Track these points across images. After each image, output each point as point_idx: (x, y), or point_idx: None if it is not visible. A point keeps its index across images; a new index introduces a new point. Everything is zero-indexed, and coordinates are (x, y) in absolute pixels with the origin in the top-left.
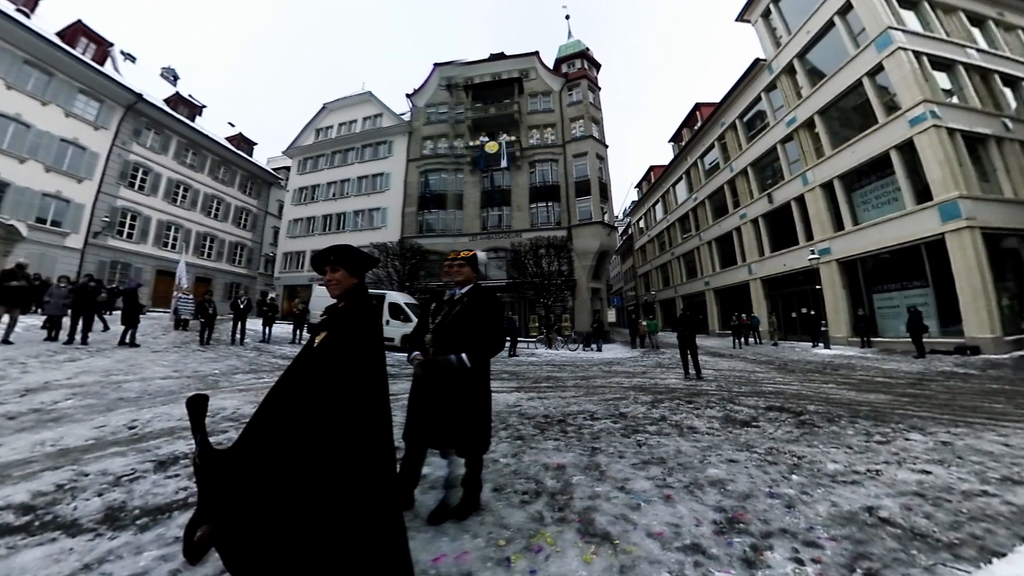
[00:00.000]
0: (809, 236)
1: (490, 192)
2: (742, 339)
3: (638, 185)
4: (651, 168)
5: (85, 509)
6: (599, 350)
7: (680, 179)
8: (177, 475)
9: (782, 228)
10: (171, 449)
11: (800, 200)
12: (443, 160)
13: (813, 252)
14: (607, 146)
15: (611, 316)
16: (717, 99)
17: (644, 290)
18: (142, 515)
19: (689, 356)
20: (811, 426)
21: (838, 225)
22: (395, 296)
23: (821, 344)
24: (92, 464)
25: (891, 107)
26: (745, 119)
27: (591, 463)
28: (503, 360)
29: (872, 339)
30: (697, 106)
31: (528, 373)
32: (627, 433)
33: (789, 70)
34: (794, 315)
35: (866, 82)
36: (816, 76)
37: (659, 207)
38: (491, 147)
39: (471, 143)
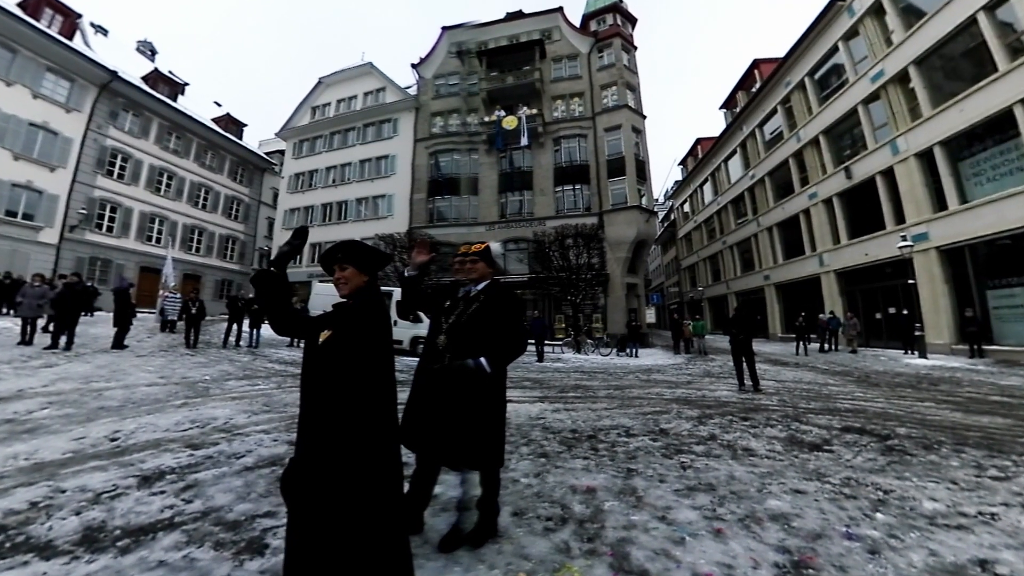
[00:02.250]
0: (900, 219)
1: (509, 174)
2: (822, 344)
3: (682, 162)
4: (698, 141)
5: (61, 529)
6: (635, 355)
7: (734, 153)
8: (163, 491)
9: (864, 209)
10: (156, 463)
11: (888, 174)
12: (455, 139)
13: (905, 238)
14: (645, 117)
15: (650, 316)
16: (781, 54)
17: (689, 286)
18: (123, 536)
19: (744, 364)
20: (901, 453)
21: (939, 204)
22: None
23: (915, 352)
24: (70, 480)
25: (1017, 49)
26: (817, 76)
27: (626, 487)
28: (525, 366)
29: (984, 347)
30: (756, 63)
31: (553, 381)
32: (669, 453)
33: (876, 10)
34: (878, 316)
35: (982, 19)
36: (913, 16)
37: (707, 187)
38: (509, 122)
39: (486, 118)
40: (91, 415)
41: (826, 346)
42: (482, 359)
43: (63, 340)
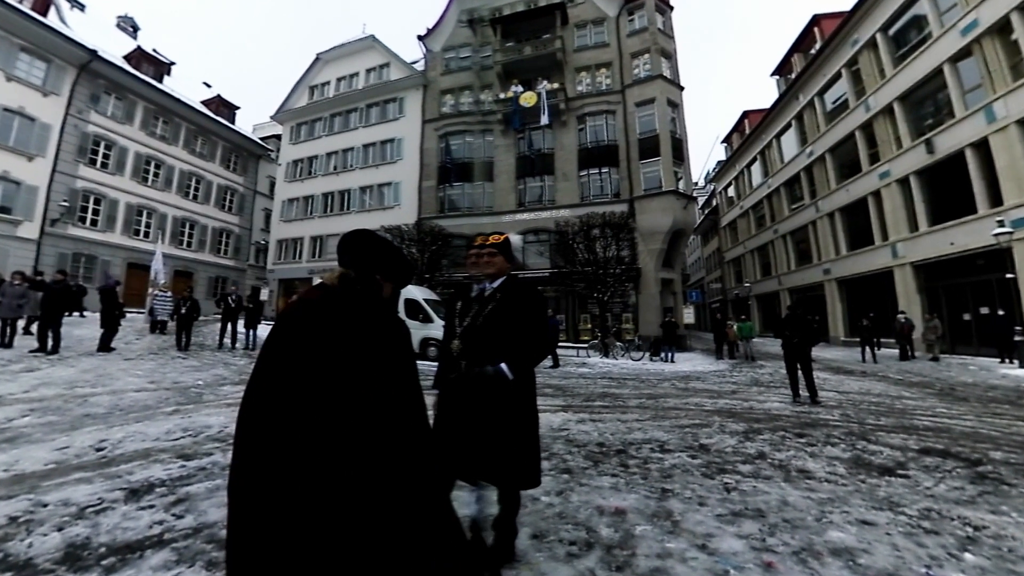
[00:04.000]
0: (996, 200)
1: (528, 158)
2: (903, 350)
3: (726, 139)
4: (745, 114)
5: (42, 546)
6: (671, 360)
7: (788, 127)
8: (152, 506)
9: (949, 190)
10: (145, 475)
11: (981, 146)
12: (467, 119)
13: (1002, 223)
14: (682, 88)
15: (688, 316)
16: (846, 7)
17: (734, 281)
18: (109, 554)
19: (799, 372)
20: (996, 482)
21: None
22: (412, 291)
23: (1014, 360)
24: (52, 493)
25: None
26: (891, 32)
27: (660, 509)
28: (546, 372)
29: None
30: (816, 19)
31: (578, 388)
32: (710, 473)
33: None
34: (967, 317)
35: None
36: None
37: (756, 168)
38: (527, 99)
39: (502, 95)
40: (75, 423)
41: (906, 352)
42: (502, 365)
43: (50, 343)
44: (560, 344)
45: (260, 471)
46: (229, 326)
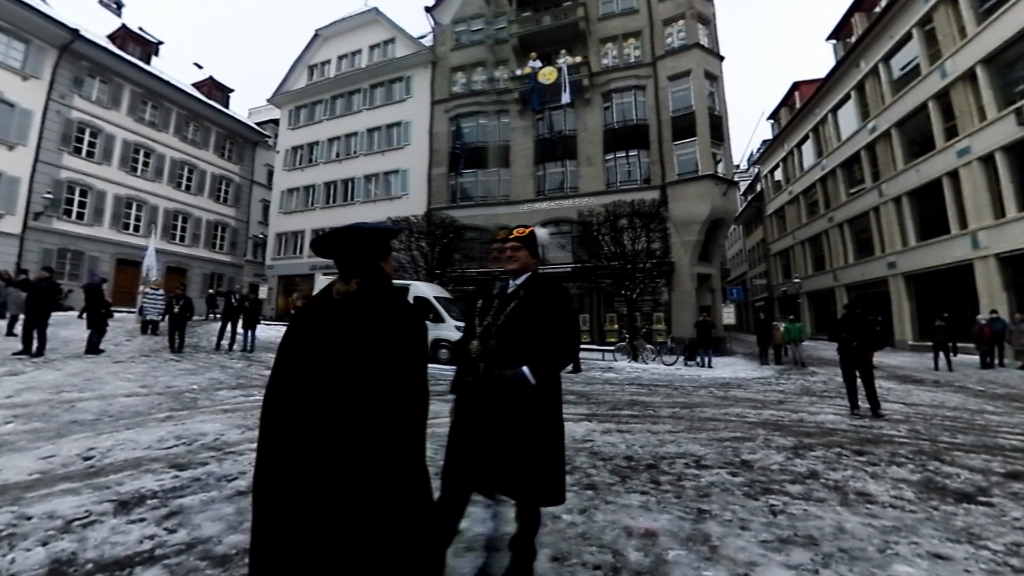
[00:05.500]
0: None
1: (548, 141)
2: (985, 357)
3: (773, 115)
4: (795, 86)
5: (25, 562)
6: (708, 365)
7: (847, 99)
8: (142, 519)
9: None
10: (136, 485)
11: None
12: (480, 99)
13: None
14: (722, 58)
15: (728, 316)
16: None
17: (781, 277)
18: (96, 570)
19: (858, 380)
20: None
21: None
22: (421, 288)
23: None
24: (36, 504)
25: None
26: None
27: (696, 532)
28: (567, 377)
29: None
30: None
31: (604, 395)
32: (754, 493)
33: None
34: None
35: None
36: None
37: (808, 147)
38: (546, 75)
39: (518, 71)
40: (62, 430)
41: (988, 359)
42: (524, 368)
43: (35, 344)
44: (581, 346)
45: (288, 475)
46: (229, 326)
